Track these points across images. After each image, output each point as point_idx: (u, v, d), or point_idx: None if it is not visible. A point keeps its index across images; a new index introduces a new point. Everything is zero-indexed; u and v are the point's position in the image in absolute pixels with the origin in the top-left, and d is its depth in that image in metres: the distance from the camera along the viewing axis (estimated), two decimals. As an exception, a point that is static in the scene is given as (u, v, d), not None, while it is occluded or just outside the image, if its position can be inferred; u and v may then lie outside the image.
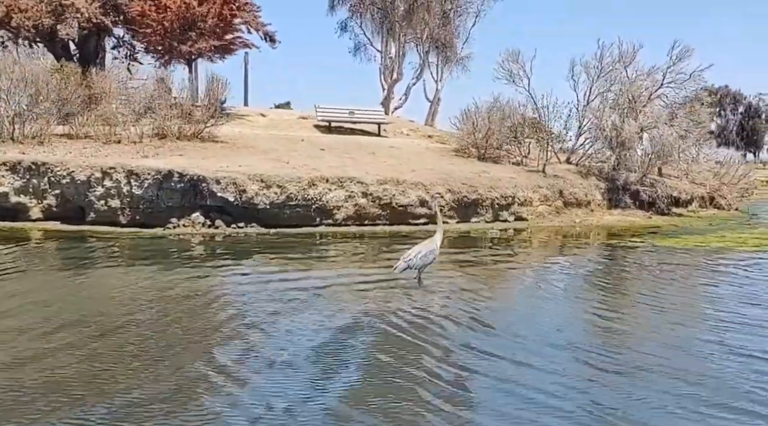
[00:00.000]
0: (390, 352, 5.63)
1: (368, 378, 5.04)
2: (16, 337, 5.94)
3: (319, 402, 4.55)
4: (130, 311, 6.97)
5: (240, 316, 6.83)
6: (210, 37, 21.86)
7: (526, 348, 5.84)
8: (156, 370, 5.14)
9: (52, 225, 13.87)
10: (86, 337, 5.96)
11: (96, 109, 17.46)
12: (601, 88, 20.20)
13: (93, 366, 5.22)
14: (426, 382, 4.87)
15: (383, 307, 7.30)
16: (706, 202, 20.57)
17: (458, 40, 31.10)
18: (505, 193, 15.89)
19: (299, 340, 6.02)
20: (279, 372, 5.19)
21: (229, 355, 5.50)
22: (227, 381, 4.90)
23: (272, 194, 13.88)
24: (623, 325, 6.92)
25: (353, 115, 22.79)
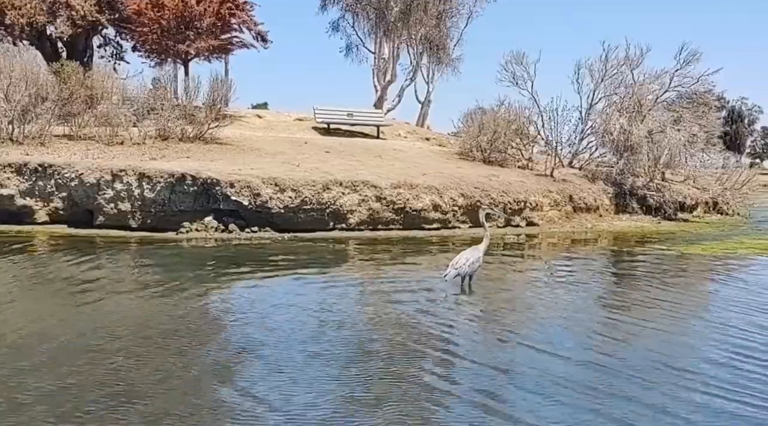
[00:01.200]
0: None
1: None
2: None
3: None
4: (165, 334, 6.70)
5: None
6: (208, 37, 21.54)
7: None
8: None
9: (60, 229, 13.51)
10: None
11: (96, 109, 17.10)
12: (606, 91, 20.19)
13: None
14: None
15: (443, 316, 7.10)
16: (710, 207, 20.61)
17: (450, 41, 31.01)
18: (517, 198, 15.76)
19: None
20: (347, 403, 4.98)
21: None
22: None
23: (286, 198, 13.62)
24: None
25: (352, 116, 22.54)
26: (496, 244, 13.91)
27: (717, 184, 21.16)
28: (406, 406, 4.59)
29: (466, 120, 20.10)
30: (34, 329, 6.33)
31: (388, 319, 7.01)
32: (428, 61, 30.76)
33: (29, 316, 6.83)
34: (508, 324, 7.00)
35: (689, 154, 19.44)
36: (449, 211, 14.91)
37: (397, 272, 10.20)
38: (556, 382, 5.07)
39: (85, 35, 24.62)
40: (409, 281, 9.36)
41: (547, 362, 5.55)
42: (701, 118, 19.45)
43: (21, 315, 6.93)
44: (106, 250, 11.59)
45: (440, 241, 13.81)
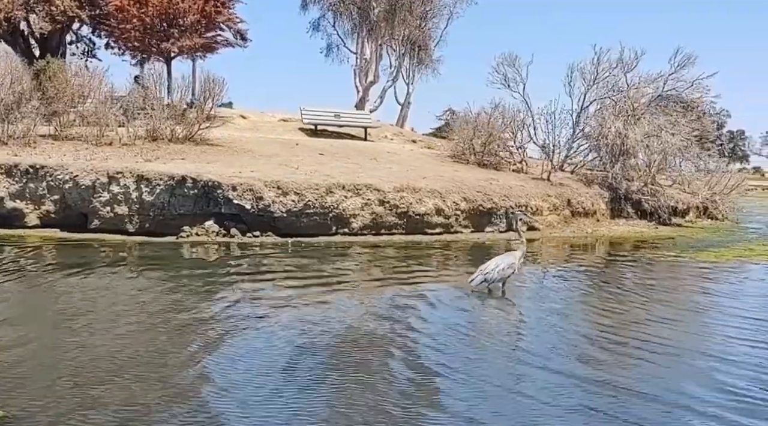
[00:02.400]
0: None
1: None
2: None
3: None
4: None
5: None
6: (192, 34, 20.98)
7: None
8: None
9: (52, 232, 12.98)
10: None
11: (83, 108, 16.53)
12: (597, 94, 20.11)
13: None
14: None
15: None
16: (701, 212, 20.67)
17: (432, 42, 30.81)
18: (519, 202, 15.56)
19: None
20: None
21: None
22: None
23: (289, 201, 13.23)
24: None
25: (339, 118, 22.20)
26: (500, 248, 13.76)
27: (706, 188, 21.23)
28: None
29: (459, 122, 19.85)
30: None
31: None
32: (409, 62, 30.53)
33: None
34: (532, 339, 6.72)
35: (684, 158, 19.44)
36: (452, 216, 14.66)
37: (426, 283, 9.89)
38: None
39: (59, 32, 23.88)
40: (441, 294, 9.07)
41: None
42: (695, 121, 19.47)
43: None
44: (103, 259, 11.09)
45: (444, 246, 13.57)
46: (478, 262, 8.86)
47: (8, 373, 5.08)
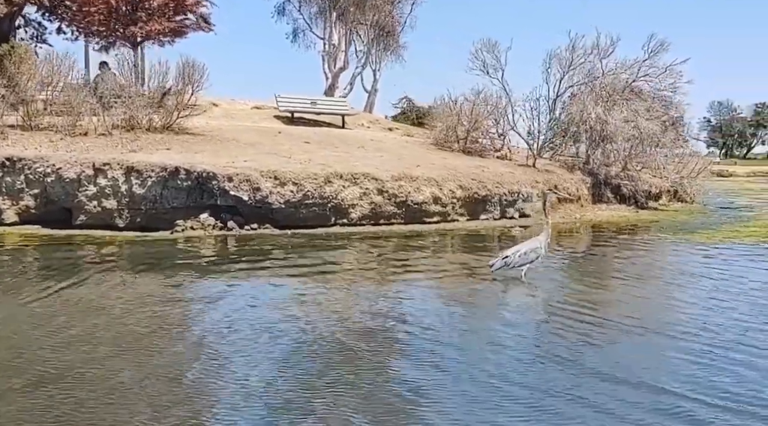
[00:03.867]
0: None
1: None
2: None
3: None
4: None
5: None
6: (161, 18, 20.05)
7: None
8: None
9: (33, 230, 12.14)
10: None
11: (52, 96, 15.57)
12: (573, 80, 20.11)
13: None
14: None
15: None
16: (671, 195, 21.01)
17: (399, 27, 30.37)
18: (511, 189, 15.42)
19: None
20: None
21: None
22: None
23: (287, 192, 12.72)
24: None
25: (316, 105, 21.66)
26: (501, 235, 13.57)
27: (674, 172, 21.56)
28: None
29: (444, 109, 19.55)
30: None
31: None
32: (376, 48, 30.03)
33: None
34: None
35: (660, 144, 19.65)
36: (449, 204, 14.39)
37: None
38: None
39: (10, 15, 22.52)
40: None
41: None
42: (670, 108, 19.70)
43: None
44: (92, 259, 10.39)
45: (439, 234, 13.28)
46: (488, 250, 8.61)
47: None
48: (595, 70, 19.73)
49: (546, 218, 8.68)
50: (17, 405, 4.21)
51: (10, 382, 4.57)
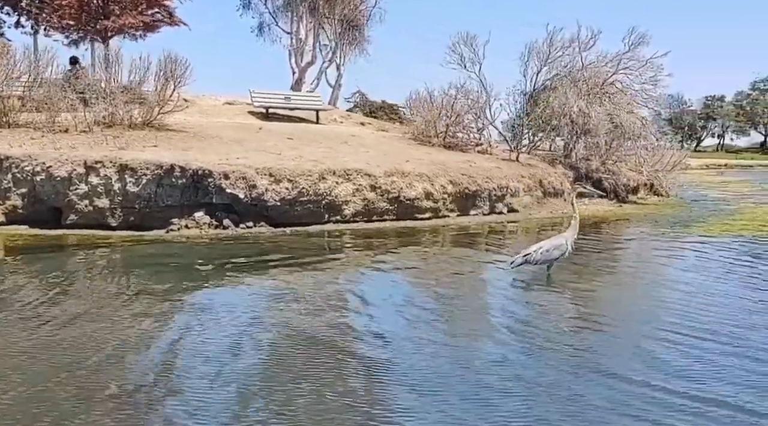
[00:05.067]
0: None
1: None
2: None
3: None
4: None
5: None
6: (133, 11, 19.58)
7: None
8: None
9: (21, 230, 11.74)
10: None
11: (30, 92, 15.10)
12: (551, 73, 20.30)
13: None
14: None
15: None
16: (648, 188, 21.38)
17: (364, 20, 30.14)
18: (500, 184, 15.52)
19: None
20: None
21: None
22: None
23: (283, 189, 12.58)
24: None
25: (290, 100, 21.46)
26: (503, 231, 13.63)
27: (649, 166, 21.93)
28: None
29: (423, 104, 19.52)
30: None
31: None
32: (341, 43, 29.78)
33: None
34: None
35: (642, 136, 19.96)
36: (440, 200, 14.41)
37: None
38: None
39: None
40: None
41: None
42: (650, 101, 20.02)
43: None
44: (85, 261, 10.11)
45: (431, 230, 13.27)
46: (492, 245, 8.59)
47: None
48: (575, 63, 19.95)
49: (574, 213, 8.68)
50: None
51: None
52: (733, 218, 15.35)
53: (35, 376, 4.75)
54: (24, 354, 5.26)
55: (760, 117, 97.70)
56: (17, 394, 4.43)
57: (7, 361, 5.08)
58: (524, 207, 16.14)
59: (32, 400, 4.32)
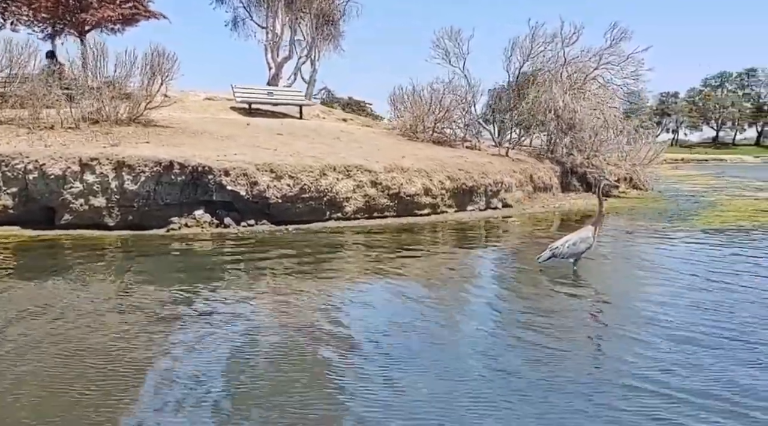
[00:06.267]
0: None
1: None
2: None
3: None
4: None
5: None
6: (111, 4, 18.96)
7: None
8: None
9: (13, 231, 11.23)
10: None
11: (10, 87, 14.52)
12: (533, 68, 20.35)
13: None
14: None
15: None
16: (628, 183, 21.60)
17: (339, 15, 29.79)
18: (496, 179, 15.46)
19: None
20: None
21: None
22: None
23: (284, 186, 12.30)
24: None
25: (272, 96, 21.08)
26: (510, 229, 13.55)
27: (627, 160, 22.16)
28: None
29: (412, 99, 19.36)
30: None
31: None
32: (316, 38, 29.40)
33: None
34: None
35: (626, 131, 20.14)
36: (438, 195, 14.28)
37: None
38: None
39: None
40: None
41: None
42: (632, 96, 20.21)
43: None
44: (83, 265, 9.71)
45: (430, 226, 13.14)
46: (495, 240, 8.47)
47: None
48: (557, 58, 20.00)
49: (600, 207, 8.59)
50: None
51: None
52: (721, 210, 15.58)
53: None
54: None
55: (711, 113, 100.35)
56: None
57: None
58: (516, 202, 16.12)
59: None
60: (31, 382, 4.55)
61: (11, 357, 5.03)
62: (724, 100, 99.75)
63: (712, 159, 75.01)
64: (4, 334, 5.62)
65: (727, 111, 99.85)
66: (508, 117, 19.35)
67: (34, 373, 4.71)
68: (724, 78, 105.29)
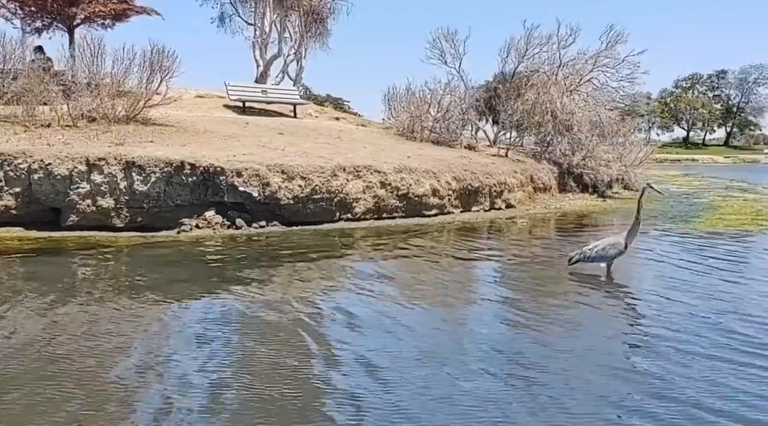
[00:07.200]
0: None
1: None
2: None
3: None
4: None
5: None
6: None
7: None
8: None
9: (16, 232, 10.85)
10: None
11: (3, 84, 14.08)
12: (528, 68, 20.36)
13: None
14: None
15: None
16: (619, 183, 21.67)
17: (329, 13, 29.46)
18: (500, 180, 15.39)
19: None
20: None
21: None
22: None
23: (296, 187, 12.06)
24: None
25: (266, 94, 20.80)
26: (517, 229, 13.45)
27: (618, 161, 22.24)
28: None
29: (410, 100, 19.22)
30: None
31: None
32: (306, 35, 29.01)
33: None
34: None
35: (622, 132, 20.21)
36: (445, 196, 14.15)
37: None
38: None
39: None
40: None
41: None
42: (627, 98, 20.29)
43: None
44: (94, 271, 9.41)
45: (439, 228, 13.01)
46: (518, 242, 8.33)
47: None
48: (553, 60, 20.04)
49: (638, 214, 8.45)
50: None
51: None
52: (721, 212, 15.67)
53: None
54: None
55: (682, 113, 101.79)
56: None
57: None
58: (518, 203, 16.06)
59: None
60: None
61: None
62: (694, 102, 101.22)
63: (684, 159, 76.15)
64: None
65: (698, 112, 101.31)
66: (505, 117, 19.27)
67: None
68: (695, 80, 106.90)
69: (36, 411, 4.07)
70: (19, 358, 5.01)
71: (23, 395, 4.30)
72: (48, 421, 3.93)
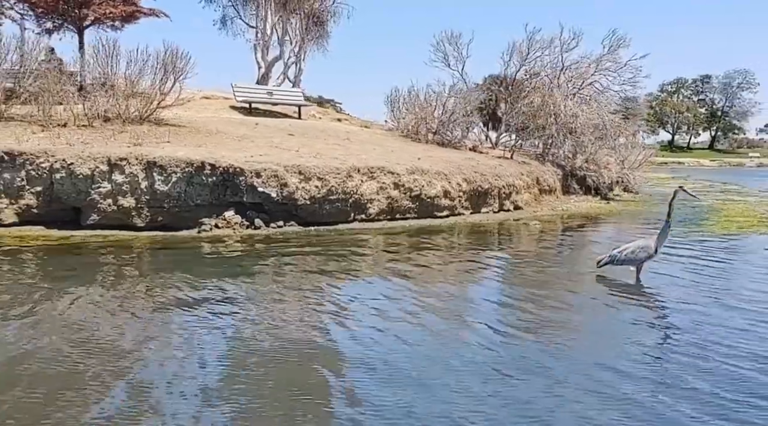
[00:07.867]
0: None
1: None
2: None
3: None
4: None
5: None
6: (112, 0, 18.51)
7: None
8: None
9: (36, 231, 10.93)
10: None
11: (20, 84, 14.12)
12: (529, 72, 20.60)
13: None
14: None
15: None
16: (620, 186, 21.98)
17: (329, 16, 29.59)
18: (508, 182, 15.60)
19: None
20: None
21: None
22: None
23: (312, 188, 12.22)
24: None
25: (272, 96, 20.94)
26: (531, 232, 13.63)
27: (617, 164, 22.55)
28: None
29: (416, 102, 19.39)
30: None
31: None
32: (307, 38, 29.12)
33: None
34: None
35: (624, 135, 20.49)
36: (456, 198, 14.35)
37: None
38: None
39: None
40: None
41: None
42: (630, 100, 20.58)
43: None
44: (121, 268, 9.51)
45: (449, 229, 13.17)
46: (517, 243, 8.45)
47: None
48: (556, 63, 20.28)
49: (668, 217, 8.45)
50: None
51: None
52: (728, 216, 15.91)
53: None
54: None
55: (668, 117, 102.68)
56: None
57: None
58: (525, 204, 16.28)
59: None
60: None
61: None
62: (679, 106, 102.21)
63: (670, 161, 76.85)
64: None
65: (683, 116, 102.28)
66: (509, 118, 19.49)
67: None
68: (680, 84, 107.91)
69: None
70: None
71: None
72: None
